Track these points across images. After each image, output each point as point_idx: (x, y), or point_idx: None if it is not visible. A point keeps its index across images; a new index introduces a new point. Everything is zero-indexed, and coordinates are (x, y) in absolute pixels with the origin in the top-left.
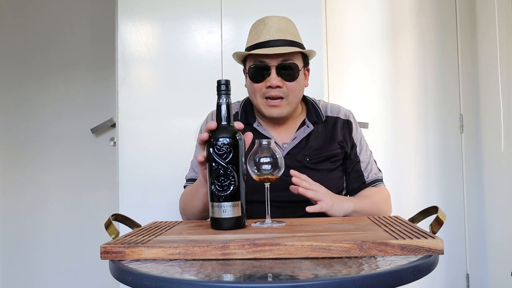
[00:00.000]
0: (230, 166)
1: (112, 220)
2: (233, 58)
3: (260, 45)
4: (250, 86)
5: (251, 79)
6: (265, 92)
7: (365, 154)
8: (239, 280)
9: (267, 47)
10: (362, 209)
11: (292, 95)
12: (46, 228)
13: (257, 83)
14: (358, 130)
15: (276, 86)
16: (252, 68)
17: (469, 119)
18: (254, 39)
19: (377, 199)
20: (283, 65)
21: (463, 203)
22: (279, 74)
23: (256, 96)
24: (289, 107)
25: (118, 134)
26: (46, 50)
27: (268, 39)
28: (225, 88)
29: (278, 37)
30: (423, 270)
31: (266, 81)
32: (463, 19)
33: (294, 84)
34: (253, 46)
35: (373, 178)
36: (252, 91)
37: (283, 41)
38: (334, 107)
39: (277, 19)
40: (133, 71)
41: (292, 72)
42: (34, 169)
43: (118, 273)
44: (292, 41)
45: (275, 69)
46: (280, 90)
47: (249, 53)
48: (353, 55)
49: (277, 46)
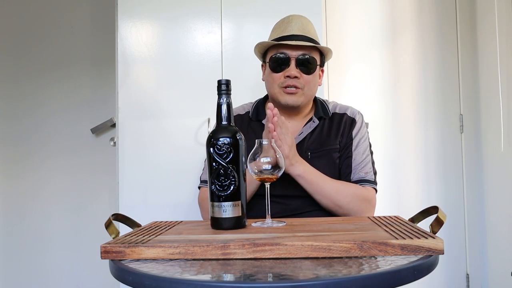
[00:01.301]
0: (230, 166)
1: (112, 220)
2: (254, 51)
3: (282, 39)
4: (269, 77)
5: (271, 68)
6: (283, 81)
7: (361, 153)
8: (239, 280)
9: (290, 41)
10: (311, 181)
11: (307, 87)
12: (46, 228)
13: (276, 73)
14: (361, 130)
15: (294, 76)
16: (273, 58)
17: (469, 119)
18: (278, 33)
19: (344, 189)
20: (302, 59)
21: (463, 203)
22: (298, 66)
23: (273, 85)
24: (304, 98)
25: (118, 134)
26: (46, 50)
27: (291, 33)
28: (225, 88)
29: (300, 33)
30: (423, 270)
31: (285, 72)
32: (463, 19)
33: (311, 77)
34: (276, 39)
35: (360, 177)
36: (271, 81)
37: (304, 37)
38: (343, 106)
39: (300, 17)
40: (133, 71)
41: (310, 66)
42: (34, 169)
43: (118, 273)
44: (312, 39)
45: (294, 60)
46: (297, 80)
47: (273, 43)
48: (353, 55)
49: (299, 40)
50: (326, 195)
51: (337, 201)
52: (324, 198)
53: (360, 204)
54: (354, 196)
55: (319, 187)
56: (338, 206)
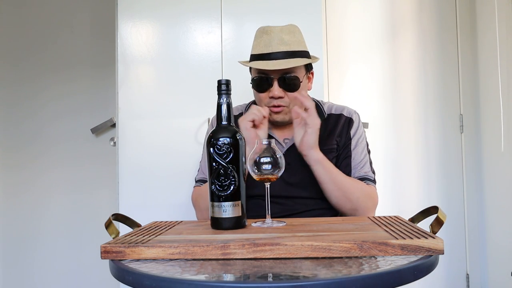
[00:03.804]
0: (230, 166)
1: (112, 220)
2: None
3: (262, 57)
4: (255, 95)
5: (255, 88)
6: (269, 101)
7: (360, 153)
8: (239, 280)
9: (269, 59)
10: (328, 169)
11: (293, 103)
12: (46, 228)
13: (261, 92)
14: (359, 130)
15: (278, 97)
16: (256, 80)
17: (469, 119)
18: (257, 50)
19: (355, 184)
20: (284, 78)
21: (463, 203)
22: (281, 86)
23: (261, 104)
24: (290, 114)
25: (118, 134)
26: (46, 50)
27: (270, 51)
28: (225, 88)
29: (280, 49)
30: (423, 270)
31: (269, 92)
32: (463, 19)
33: (296, 94)
34: (255, 57)
35: (361, 175)
36: (257, 99)
37: (284, 53)
38: (339, 107)
39: (280, 29)
40: (133, 71)
41: (293, 83)
42: (34, 169)
43: (118, 272)
44: (294, 52)
45: (277, 81)
46: (282, 100)
47: (252, 64)
48: (353, 55)
49: (279, 58)
50: (340, 185)
51: (349, 193)
52: (337, 189)
53: (368, 201)
54: (363, 192)
55: (333, 176)
56: (348, 199)
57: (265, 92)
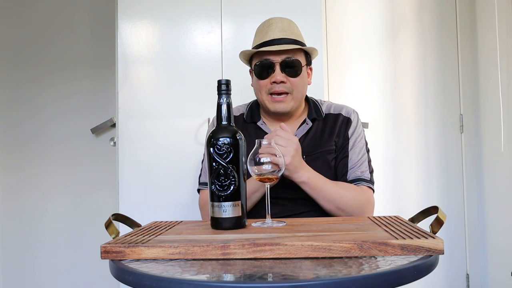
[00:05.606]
0: (230, 166)
1: (112, 220)
2: (239, 58)
3: (264, 44)
4: (256, 84)
5: (257, 76)
6: (270, 88)
7: (357, 153)
8: (239, 280)
9: (272, 46)
10: (315, 188)
11: (296, 90)
12: (46, 228)
13: (262, 79)
14: (357, 130)
15: (281, 81)
16: (258, 66)
17: (469, 119)
18: (259, 39)
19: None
20: (287, 62)
21: (463, 203)
22: (283, 71)
23: (261, 92)
24: (293, 102)
25: (118, 134)
26: (46, 50)
27: (272, 38)
28: (225, 88)
29: (282, 36)
30: (423, 270)
31: (271, 78)
32: (463, 19)
33: (298, 80)
34: (258, 46)
35: (357, 176)
36: (258, 88)
37: (286, 40)
38: (338, 106)
39: (280, 20)
40: (133, 71)
41: (296, 68)
42: (34, 169)
43: (118, 272)
44: (295, 40)
45: (279, 65)
46: (284, 85)
47: (255, 51)
48: (353, 55)
49: (282, 43)
50: (330, 200)
51: (341, 205)
52: (328, 203)
53: (361, 208)
54: (356, 200)
55: (323, 193)
56: (341, 210)
57: (267, 78)
